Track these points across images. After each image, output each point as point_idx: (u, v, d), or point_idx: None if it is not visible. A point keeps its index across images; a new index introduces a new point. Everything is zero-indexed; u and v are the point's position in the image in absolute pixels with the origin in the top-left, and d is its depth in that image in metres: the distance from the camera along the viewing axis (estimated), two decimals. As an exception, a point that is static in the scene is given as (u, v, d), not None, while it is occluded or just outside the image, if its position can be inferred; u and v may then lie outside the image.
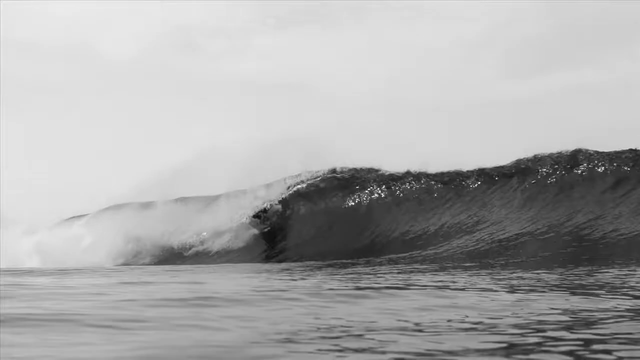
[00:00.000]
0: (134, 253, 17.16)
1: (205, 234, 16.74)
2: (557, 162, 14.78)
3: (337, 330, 3.72)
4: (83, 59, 38.01)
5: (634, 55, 29.96)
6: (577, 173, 14.35)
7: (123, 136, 29.52)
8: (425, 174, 16.07)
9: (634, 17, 29.31)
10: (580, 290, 5.86)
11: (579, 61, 30.97)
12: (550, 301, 5.02)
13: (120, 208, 18.86)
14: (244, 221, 16.37)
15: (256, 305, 4.72)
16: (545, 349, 3.24)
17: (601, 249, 11.35)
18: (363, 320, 4.03)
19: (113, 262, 16.50)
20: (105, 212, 19.21)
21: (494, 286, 6.30)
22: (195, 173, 17.70)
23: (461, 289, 6.02)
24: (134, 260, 16.81)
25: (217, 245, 16.30)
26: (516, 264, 10.23)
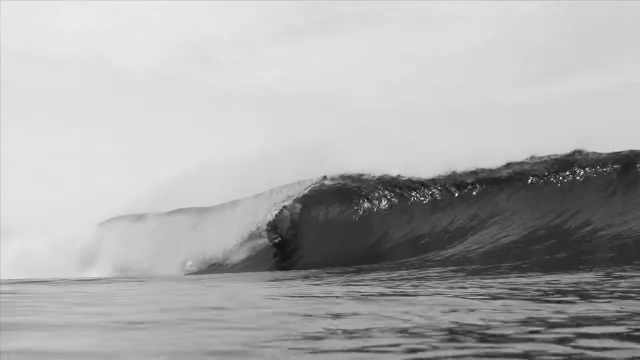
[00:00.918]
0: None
1: (215, 245, 16.69)
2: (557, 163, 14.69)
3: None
4: (97, 71, 38.34)
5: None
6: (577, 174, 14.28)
7: (138, 147, 29.69)
8: (441, 179, 15.98)
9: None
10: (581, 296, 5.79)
11: (592, 66, 30.75)
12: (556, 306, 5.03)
13: (121, 220, 18.96)
14: (255, 230, 16.31)
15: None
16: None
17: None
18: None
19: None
20: (112, 222, 19.40)
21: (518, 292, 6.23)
22: (205, 182, 17.71)
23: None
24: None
25: (231, 255, 16.25)
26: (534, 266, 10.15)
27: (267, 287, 8.83)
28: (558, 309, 4.66)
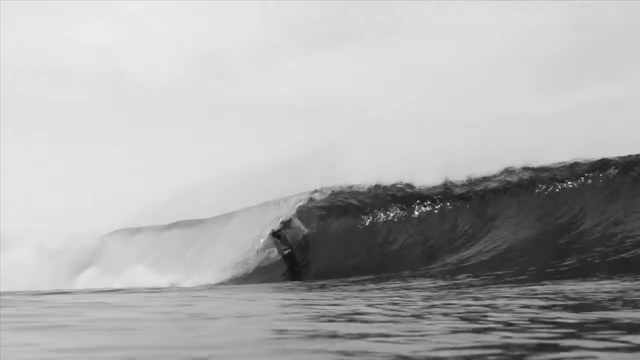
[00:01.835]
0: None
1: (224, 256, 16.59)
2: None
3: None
4: (114, 85, 38.64)
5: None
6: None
7: (156, 161, 29.76)
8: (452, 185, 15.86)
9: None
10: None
11: (610, 74, 30.41)
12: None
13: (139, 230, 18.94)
14: (265, 240, 16.18)
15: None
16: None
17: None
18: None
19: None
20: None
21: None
22: (214, 192, 17.68)
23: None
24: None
25: (239, 266, 16.13)
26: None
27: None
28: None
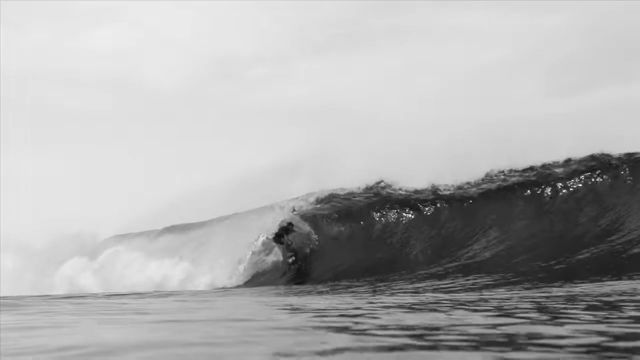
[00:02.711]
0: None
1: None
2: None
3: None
4: (126, 90, 38.75)
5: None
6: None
7: (166, 164, 29.70)
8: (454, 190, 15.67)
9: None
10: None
11: (625, 76, 30.00)
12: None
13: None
14: (265, 241, 16.01)
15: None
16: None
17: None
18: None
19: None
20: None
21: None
22: (214, 196, 17.64)
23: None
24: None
25: (240, 269, 15.94)
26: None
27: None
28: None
